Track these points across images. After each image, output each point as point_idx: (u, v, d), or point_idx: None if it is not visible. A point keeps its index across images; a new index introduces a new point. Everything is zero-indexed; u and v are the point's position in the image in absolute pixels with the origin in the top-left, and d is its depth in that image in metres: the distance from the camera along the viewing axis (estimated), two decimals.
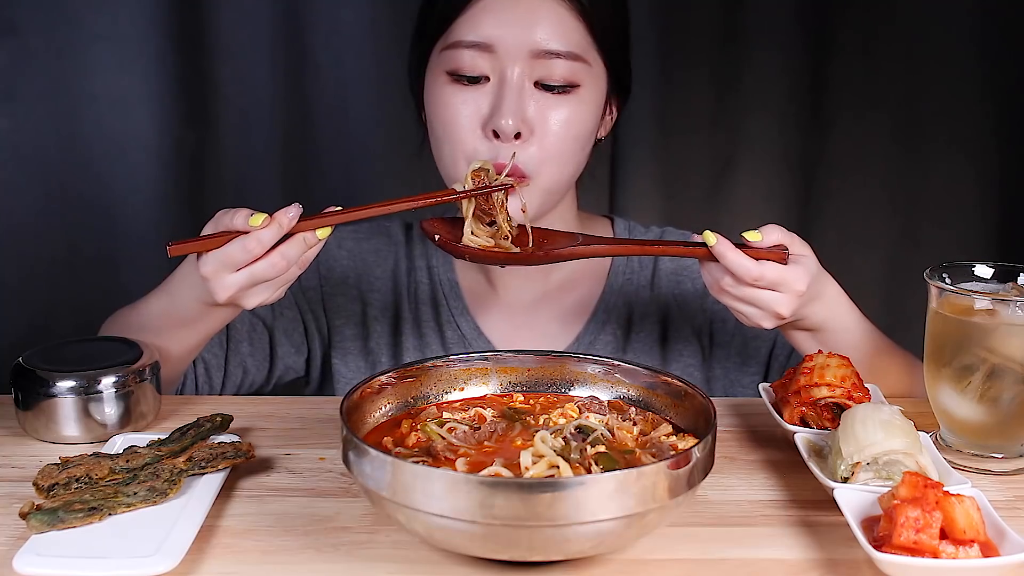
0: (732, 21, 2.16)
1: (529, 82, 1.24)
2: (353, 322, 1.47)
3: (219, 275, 1.12)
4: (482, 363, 1.13)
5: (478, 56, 1.23)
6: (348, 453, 0.92)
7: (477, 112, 1.25)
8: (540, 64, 1.24)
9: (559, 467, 0.91)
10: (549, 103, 1.25)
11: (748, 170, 2.23)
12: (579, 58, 1.25)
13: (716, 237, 1.15)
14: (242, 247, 1.10)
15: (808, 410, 1.14)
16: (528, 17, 1.23)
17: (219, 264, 1.11)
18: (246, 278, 1.12)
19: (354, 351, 1.47)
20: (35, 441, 1.17)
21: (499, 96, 1.23)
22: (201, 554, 0.93)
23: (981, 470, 1.11)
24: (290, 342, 1.48)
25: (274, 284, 1.14)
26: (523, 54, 1.23)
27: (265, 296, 1.15)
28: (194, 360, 1.42)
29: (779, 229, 1.17)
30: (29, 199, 2.06)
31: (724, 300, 1.19)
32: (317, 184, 2.17)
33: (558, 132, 1.25)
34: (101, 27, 2.01)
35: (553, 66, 1.24)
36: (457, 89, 1.25)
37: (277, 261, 1.11)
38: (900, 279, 2.25)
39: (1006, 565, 0.86)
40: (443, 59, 1.26)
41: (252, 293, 1.14)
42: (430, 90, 1.29)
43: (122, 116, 2.05)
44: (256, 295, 1.14)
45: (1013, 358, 1.08)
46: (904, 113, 2.20)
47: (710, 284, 1.19)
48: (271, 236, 1.10)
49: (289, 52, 2.08)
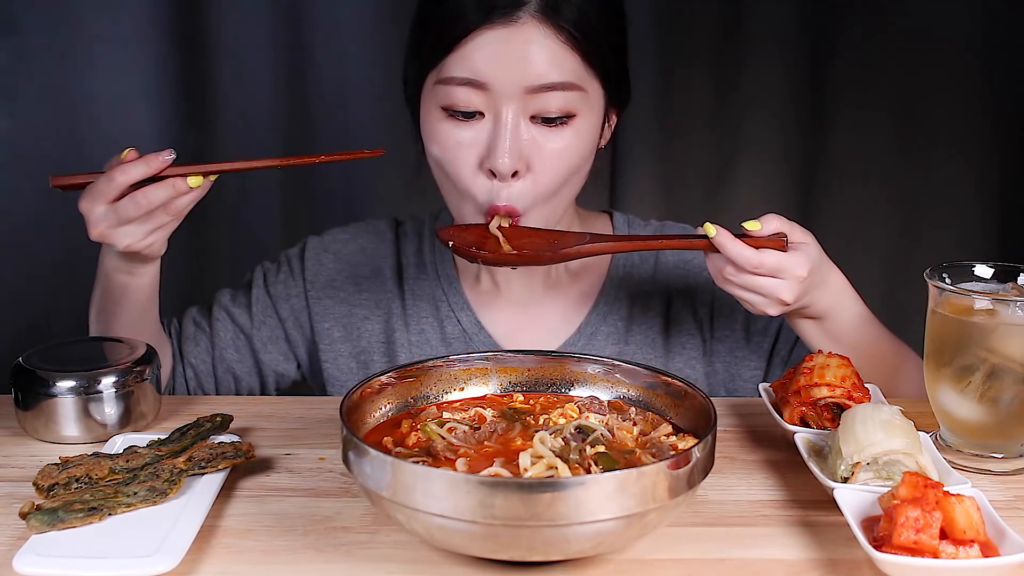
0: (732, 21, 2.16)
1: (525, 117, 1.23)
2: (341, 324, 1.47)
3: (90, 208, 1.18)
4: (482, 363, 1.13)
5: (472, 93, 1.22)
6: (348, 453, 0.92)
7: (474, 150, 1.24)
8: (535, 99, 1.22)
9: (557, 468, 0.91)
10: (546, 137, 1.24)
11: (748, 170, 2.24)
12: (575, 87, 1.23)
13: (716, 228, 1.18)
14: (108, 178, 1.17)
15: (808, 410, 1.14)
16: (520, 53, 1.20)
17: (89, 197, 1.19)
18: (111, 212, 1.18)
19: (345, 353, 1.47)
20: (35, 441, 1.17)
21: (495, 135, 1.22)
22: (201, 554, 0.93)
23: (981, 470, 1.11)
24: (276, 349, 1.48)
25: (142, 226, 1.19)
26: (518, 91, 1.21)
27: (135, 238, 1.19)
28: (183, 366, 1.45)
29: (778, 218, 1.20)
30: (29, 199, 2.06)
31: (728, 288, 1.21)
32: (317, 184, 2.17)
33: (555, 166, 1.24)
34: (101, 27, 2.01)
35: (549, 99, 1.22)
36: (453, 125, 1.24)
37: (140, 200, 1.17)
38: (900, 279, 2.25)
39: (1006, 565, 0.86)
40: (437, 93, 1.25)
41: (121, 232, 1.19)
42: (426, 121, 1.28)
43: (122, 116, 2.05)
44: (125, 235, 1.19)
45: (1013, 358, 1.08)
46: (904, 113, 2.21)
47: (714, 273, 1.22)
48: (138, 172, 1.17)
49: (289, 52, 2.09)
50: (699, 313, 1.46)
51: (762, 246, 1.18)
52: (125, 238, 1.19)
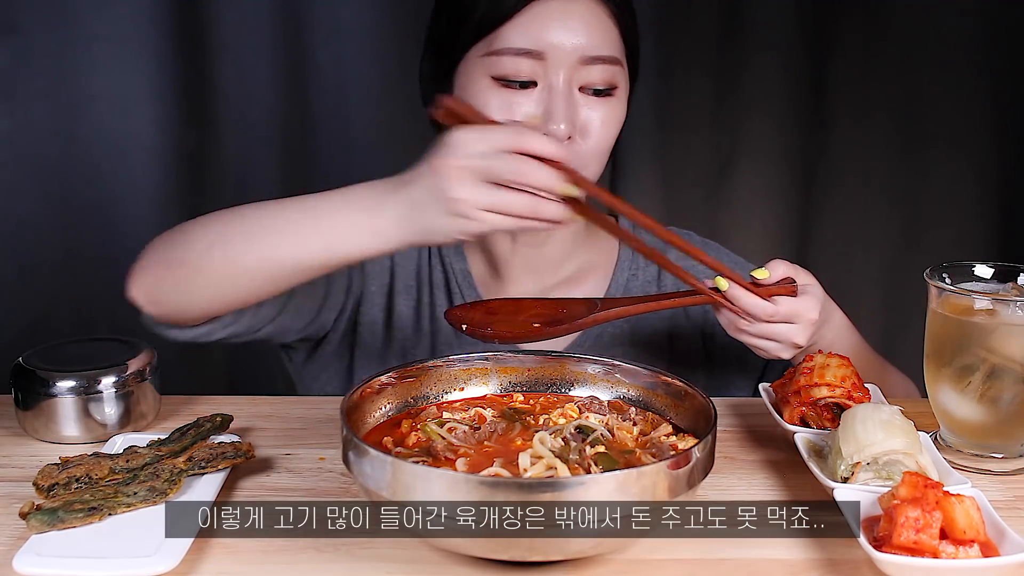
0: (732, 21, 2.16)
1: (575, 87, 1.26)
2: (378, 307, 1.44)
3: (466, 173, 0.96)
4: (482, 363, 1.14)
5: (527, 62, 1.24)
6: (348, 453, 0.92)
7: (527, 116, 1.25)
8: (585, 70, 1.25)
9: (557, 468, 0.91)
10: (593, 106, 1.27)
11: (748, 170, 2.24)
12: (617, 61, 1.28)
13: (728, 282, 1.16)
14: (513, 132, 0.97)
15: (808, 410, 1.14)
16: (578, 24, 1.24)
17: (481, 139, 0.96)
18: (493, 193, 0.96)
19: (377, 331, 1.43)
20: (35, 441, 1.17)
21: (551, 102, 1.24)
22: (201, 554, 0.93)
23: (981, 470, 1.11)
24: (338, 300, 1.38)
25: (509, 220, 0.98)
26: (572, 61, 1.24)
27: (493, 223, 0.97)
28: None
29: (784, 263, 1.20)
30: (29, 199, 2.06)
31: (742, 339, 1.20)
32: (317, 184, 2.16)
33: (601, 134, 1.28)
34: (101, 27, 2.01)
35: (598, 71, 1.26)
36: (507, 93, 1.25)
37: (523, 168, 0.96)
38: (900, 279, 2.25)
39: (1006, 565, 0.86)
40: (486, 64, 1.26)
41: (483, 218, 0.97)
42: (472, 94, 1.28)
43: (122, 116, 2.05)
44: (485, 219, 0.97)
45: (1013, 358, 1.08)
46: (904, 113, 2.21)
47: (726, 325, 1.20)
48: (547, 148, 0.97)
49: (289, 52, 2.08)
50: (699, 319, 1.46)
51: (773, 294, 1.17)
52: (483, 223, 0.98)
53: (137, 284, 1.16)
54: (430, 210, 0.99)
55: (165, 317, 1.18)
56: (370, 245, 1.04)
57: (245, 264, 1.09)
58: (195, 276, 1.12)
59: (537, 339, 1.15)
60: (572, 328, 1.17)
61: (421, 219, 1.00)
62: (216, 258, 1.10)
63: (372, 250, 1.05)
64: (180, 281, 1.13)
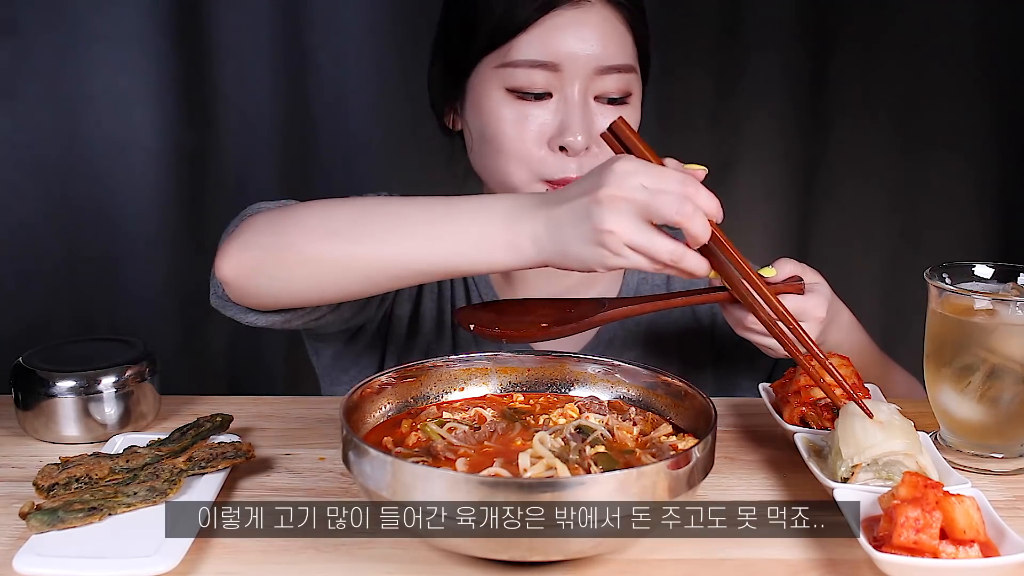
0: (732, 21, 2.16)
1: (590, 96, 1.26)
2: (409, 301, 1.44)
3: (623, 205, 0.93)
4: (482, 363, 1.13)
5: (542, 74, 1.23)
6: (348, 453, 0.92)
7: (542, 128, 1.25)
8: (600, 79, 1.25)
9: (556, 468, 0.91)
10: (609, 115, 1.25)
11: (748, 170, 2.24)
12: (632, 69, 1.28)
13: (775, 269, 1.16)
14: (680, 179, 0.95)
15: (808, 410, 1.14)
16: (593, 34, 1.23)
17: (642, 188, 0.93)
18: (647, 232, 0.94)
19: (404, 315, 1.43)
20: (35, 441, 1.17)
21: (567, 114, 1.24)
22: (201, 554, 0.93)
23: (981, 470, 1.11)
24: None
25: (648, 263, 0.96)
26: (587, 71, 1.24)
27: (634, 263, 0.95)
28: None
29: (791, 261, 1.19)
30: (29, 199, 2.06)
31: (749, 336, 1.19)
32: (317, 184, 2.17)
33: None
34: (101, 27, 2.01)
35: (613, 80, 1.26)
36: (521, 105, 1.25)
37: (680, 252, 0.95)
38: (900, 279, 2.25)
39: (1006, 565, 0.86)
40: (500, 76, 1.25)
41: (628, 255, 0.94)
42: (485, 105, 1.27)
43: (122, 116, 2.05)
44: (629, 257, 0.94)
45: (1013, 358, 1.08)
46: (904, 113, 2.21)
47: (734, 324, 1.20)
48: (715, 209, 0.96)
49: (289, 52, 2.09)
50: (708, 322, 1.46)
51: (780, 292, 1.15)
52: (626, 258, 0.95)
53: (230, 261, 1.07)
54: (574, 234, 0.95)
55: (246, 299, 1.11)
56: (501, 259, 0.99)
57: (364, 261, 1.04)
58: (303, 264, 1.06)
59: (544, 339, 1.14)
60: (579, 328, 1.17)
61: (562, 241, 0.96)
62: (332, 250, 1.04)
63: (502, 264, 1.00)
64: (282, 267, 1.06)
